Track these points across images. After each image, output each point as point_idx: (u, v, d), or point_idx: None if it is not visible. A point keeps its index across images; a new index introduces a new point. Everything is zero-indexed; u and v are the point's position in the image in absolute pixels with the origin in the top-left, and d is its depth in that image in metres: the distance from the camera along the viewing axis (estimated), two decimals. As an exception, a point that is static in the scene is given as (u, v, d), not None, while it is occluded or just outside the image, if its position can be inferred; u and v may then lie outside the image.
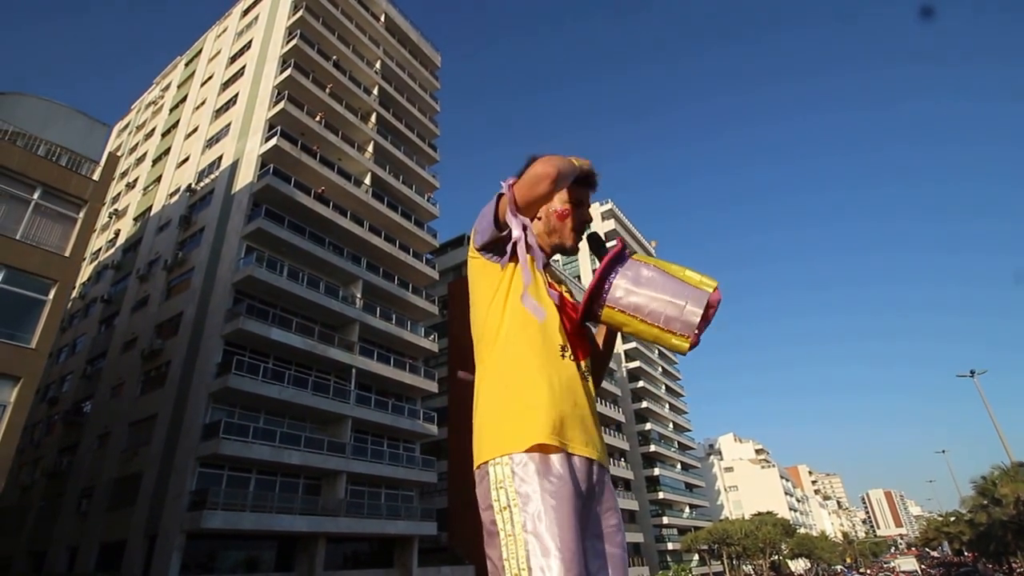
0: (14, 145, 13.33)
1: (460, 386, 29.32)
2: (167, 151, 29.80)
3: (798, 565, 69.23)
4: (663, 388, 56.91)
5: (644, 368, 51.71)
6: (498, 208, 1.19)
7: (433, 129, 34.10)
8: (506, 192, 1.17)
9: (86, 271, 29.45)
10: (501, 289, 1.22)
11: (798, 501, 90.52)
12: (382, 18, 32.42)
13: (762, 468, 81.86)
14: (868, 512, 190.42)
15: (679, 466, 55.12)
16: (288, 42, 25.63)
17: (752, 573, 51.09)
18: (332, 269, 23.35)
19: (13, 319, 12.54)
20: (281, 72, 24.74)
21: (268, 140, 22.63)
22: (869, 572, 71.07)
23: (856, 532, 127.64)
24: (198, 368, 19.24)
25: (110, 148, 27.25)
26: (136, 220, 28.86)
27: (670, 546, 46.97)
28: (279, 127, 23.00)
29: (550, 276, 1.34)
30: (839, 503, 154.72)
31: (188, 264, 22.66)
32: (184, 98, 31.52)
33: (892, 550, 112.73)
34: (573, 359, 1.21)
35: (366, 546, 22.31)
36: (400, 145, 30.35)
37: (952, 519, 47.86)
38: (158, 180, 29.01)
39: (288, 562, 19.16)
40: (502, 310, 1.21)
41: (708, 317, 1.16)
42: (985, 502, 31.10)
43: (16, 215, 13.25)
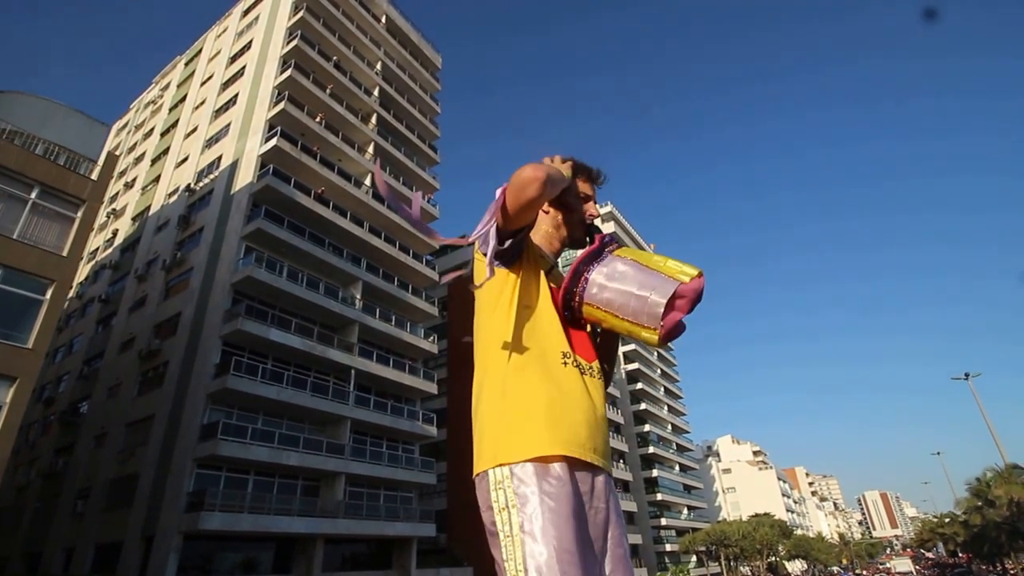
0: (11, 144, 13.24)
1: (460, 387, 29.28)
2: (166, 151, 29.70)
3: (795, 566, 69.35)
4: (661, 390, 56.97)
5: (643, 370, 51.76)
6: (497, 216, 1.15)
7: (433, 130, 34.08)
8: (498, 195, 1.12)
9: (83, 270, 29.30)
10: (505, 293, 1.20)
11: (795, 502, 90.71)
12: (383, 19, 32.40)
13: (760, 470, 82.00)
14: (864, 513, 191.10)
15: (677, 468, 55.17)
16: (289, 42, 25.58)
17: (749, 574, 51.14)
18: (332, 270, 23.29)
19: (10, 319, 12.46)
20: (281, 72, 24.69)
21: (268, 140, 22.58)
22: (865, 573, 71.28)
23: (852, 533, 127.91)
24: (196, 369, 19.16)
25: (108, 147, 27.09)
26: (134, 220, 28.74)
27: (668, 547, 47.02)
28: (279, 127, 22.95)
29: (553, 280, 1.31)
30: (836, 504, 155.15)
31: (187, 264, 22.57)
32: (184, 98, 31.42)
33: (888, 551, 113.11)
34: (575, 365, 1.19)
35: (365, 547, 22.25)
36: (400, 146, 30.33)
37: (947, 520, 48.02)
38: (157, 180, 28.90)
39: (286, 563, 19.09)
40: (506, 315, 1.19)
41: (681, 307, 1.12)
42: (979, 504, 31.22)
43: (13, 214, 13.16)
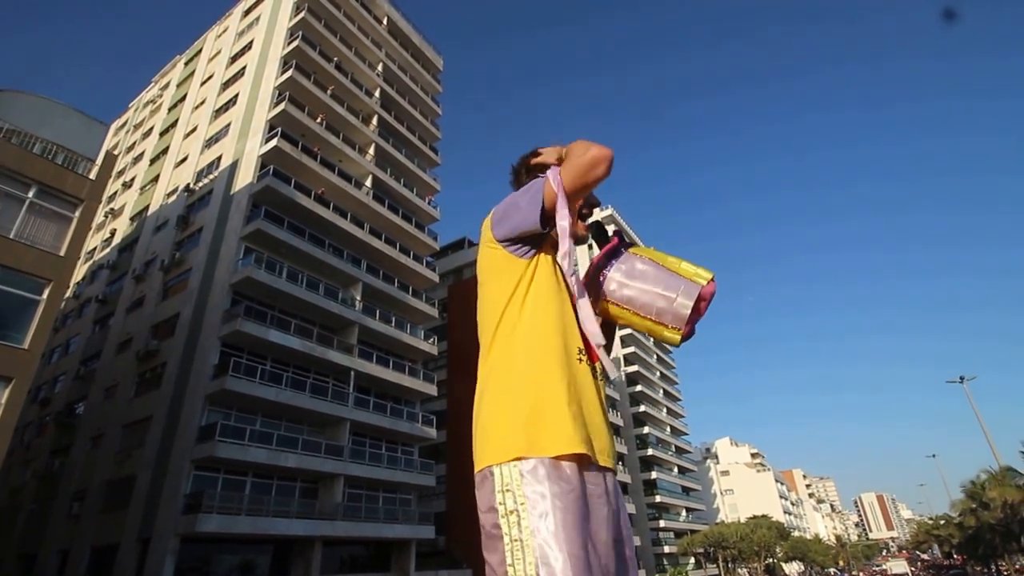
0: (9, 143, 13.14)
1: (460, 389, 29.19)
2: (165, 150, 29.56)
3: (792, 568, 69.41)
4: (660, 392, 56.99)
5: (642, 372, 51.77)
6: (545, 197, 1.12)
7: (434, 132, 34.04)
8: (553, 180, 1.11)
9: (80, 270, 29.09)
10: (522, 284, 1.16)
11: (793, 504, 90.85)
12: (384, 21, 32.35)
13: (757, 472, 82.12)
14: (861, 515, 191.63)
15: (676, 470, 55.18)
16: (289, 43, 25.51)
17: (747, 577, 51.14)
18: (332, 271, 23.20)
19: (6, 319, 12.38)
20: (282, 73, 24.60)
21: (268, 141, 22.49)
22: (861, 575, 71.39)
23: (849, 535, 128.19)
24: (194, 370, 19.04)
25: (107, 146, 26.94)
26: (133, 219, 28.59)
27: (666, 549, 47.05)
28: (280, 128, 22.87)
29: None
30: (832, 506, 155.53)
31: (185, 265, 22.45)
32: (183, 97, 31.30)
33: (884, 553, 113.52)
34: (589, 362, 1.17)
35: (363, 550, 22.14)
36: (401, 148, 30.27)
37: (942, 522, 48.22)
38: (156, 179, 28.76)
39: (284, 566, 18.97)
40: (521, 305, 1.15)
41: (700, 309, 1.17)
42: (974, 506, 31.33)
43: (10, 213, 13.06)
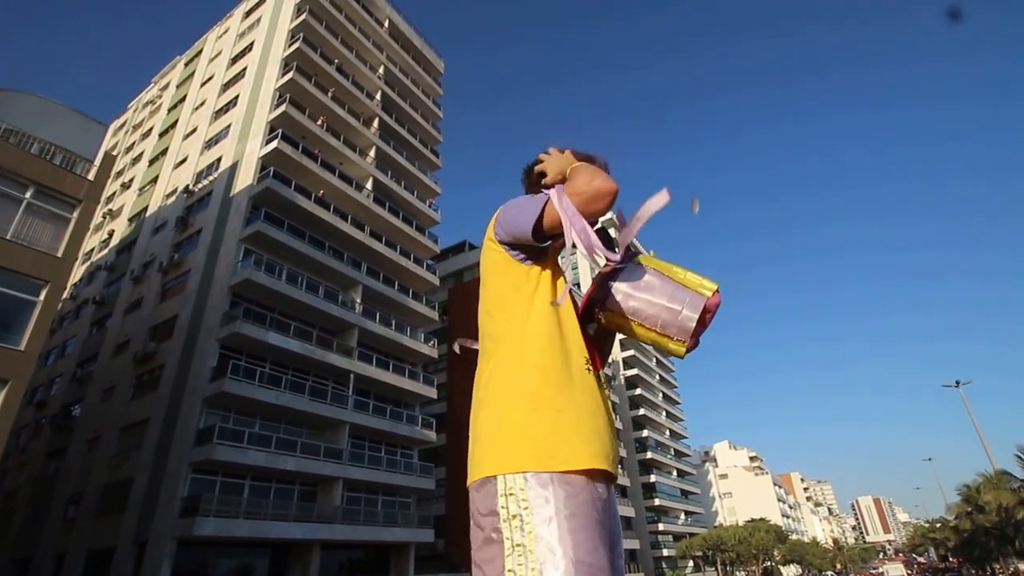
0: (7, 143, 13.05)
1: (460, 392, 29.07)
2: (164, 151, 29.46)
3: (790, 571, 69.36)
4: (660, 395, 57.02)
5: (642, 376, 51.81)
6: (542, 215, 1.12)
7: (435, 135, 34.03)
8: (558, 202, 1.10)
9: (78, 271, 28.92)
10: (527, 290, 1.16)
11: (790, 508, 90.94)
12: (386, 23, 32.36)
13: (756, 475, 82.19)
14: (858, 518, 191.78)
15: (675, 473, 55.19)
16: (290, 45, 25.48)
17: (745, 580, 51.05)
18: (332, 273, 23.12)
19: (2, 320, 12.26)
20: (283, 75, 24.56)
21: (269, 143, 22.43)
22: (859, 578, 71.39)
23: (846, 538, 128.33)
24: (192, 372, 18.92)
25: (106, 147, 26.85)
26: (131, 221, 28.45)
27: (665, 552, 47.01)
28: (280, 130, 22.82)
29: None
30: (830, 510, 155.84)
31: (184, 266, 22.33)
32: (183, 98, 31.21)
33: (880, 556, 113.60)
34: (594, 371, 1.16)
35: (362, 553, 22.01)
36: (402, 150, 30.25)
37: (938, 525, 48.36)
38: (155, 180, 28.64)
39: (282, 570, 18.83)
40: (526, 313, 1.14)
41: (705, 321, 1.16)
42: (969, 509, 31.40)
43: (7, 214, 12.94)
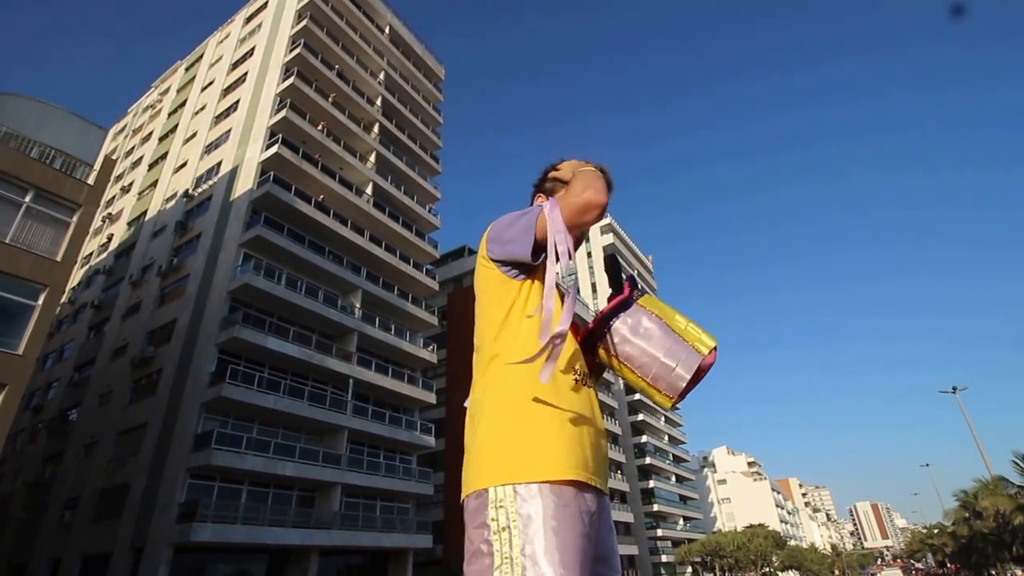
0: (6, 147, 13.07)
1: (458, 397, 29.05)
2: (164, 155, 29.48)
3: (788, 578, 69.08)
4: (657, 400, 56.92)
5: (639, 379, 51.70)
6: (536, 229, 1.13)
7: (435, 140, 34.15)
8: (548, 214, 1.11)
9: (76, 275, 28.87)
10: (517, 306, 1.17)
11: (789, 513, 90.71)
12: (387, 30, 32.54)
13: (754, 481, 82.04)
14: (856, 524, 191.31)
15: (673, 478, 55.08)
16: (291, 50, 25.59)
17: (744, 587, 50.86)
18: (331, 278, 23.12)
19: (0, 324, 12.20)
20: (284, 80, 24.65)
21: (269, 147, 22.48)
22: (858, 585, 71.15)
23: (844, 544, 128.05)
24: (191, 377, 18.87)
25: (105, 151, 26.83)
26: (130, 225, 28.43)
27: (664, 558, 46.84)
28: (280, 135, 22.87)
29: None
30: (828, 515, 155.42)
31: (183, 271, 22.32)
32: (183, 103, 31.27)
33: (879, 562, 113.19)
34: (587, 384, 1.18)
35: (360, 559, 21.90)
36: (402, 156, 30.33)
37: (936, 531, 48.25)
38: (154, 185, 28.64)
39: (280, 577, 18.69)
40: (518, 329, 1.14)
41: (697, 379, 1.16)
42: (967, 515, 31.37)
43: (7, 218, 12.96)
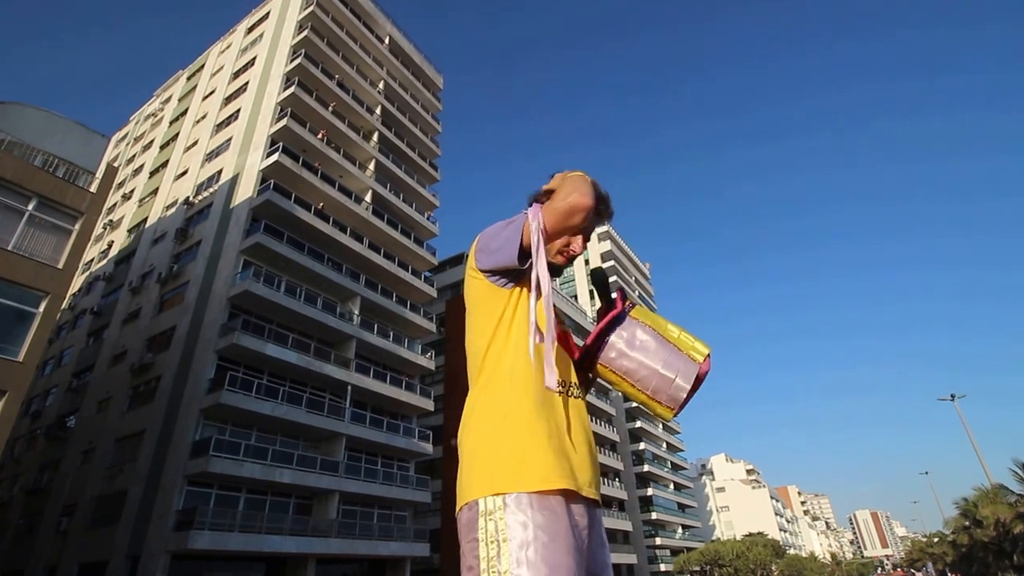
0: (10, 155, 13.20)
1: (456, 405, 29.09)
2: (165, 163, 29.71)
3: (788, 587, 68.61)
4: (656, 407, 56.84)
5: (637, 386, 51.64)
6: (522, 235, 1.11)
7: (434, 149, 34.46)
8: (534, 221, 1.10)
9: (76, 282, 28.96)
10: (506, 315, 1.16)
11: (788, 522, 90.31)
12: (386, 40, 32.96)
13: (753, 488, 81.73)
14: (856, 533, 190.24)
15: (672, 486, 54.87)
16: (292, 60, 25.92)
17: (743, 596, 50.52)
18: (330, 285, 23.26)
19: (1, 331, 12.26)
20: (284, 89, 24.95)
21: (270, 155, 22.71)
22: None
23: (844, 553, 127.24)
24: (190, 383, 18.93)
25: (107, 159, 27.03)
26: (130, 232, 28.58)
27: (663, 567, 46.54)
28: (281, 143, 23.11)
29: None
30: (827, 524, 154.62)
31: (183, 277, 22.44)
32: (185, 111, 31.56)
33: (879, 571, 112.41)
34: (575, 395, 1.17)
35: (357, 568, 21.83)
36: (401, 164, 30.61)
37: (936, 540, 48.05)
38: (155, 192, 28.84)
39: (276, 585, 18.64)
40: (507, 338, 1.14)
41: (695, 388, 1.17)
42: (967, 523, 31.28)
43: (10, 226, 13.05)
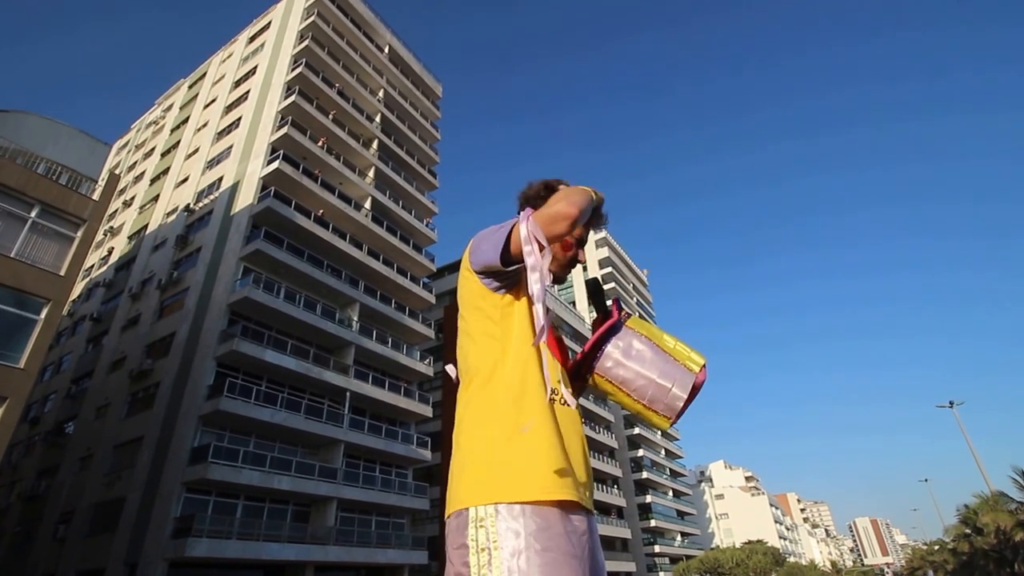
0: (13, 163, 13.32)
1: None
2: (166, 171, 29.90)
3: (789, 596, 68.07)
4: (654, 413, 56.75)
5: (635, 393, 51.59)
6: (510, 238, 1.08)
7: (433, 156, 34.74)
8: (524, 224, 1.06)
9: (76, 288, 29.01)
10: (502, 320, 1.15)
11: (788, 529, 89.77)
12: (386, 49, 33.35)
13: (752, 495, 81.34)
14: (856, 541, 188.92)
15: (671, 493, 54.64)
16: (293, 69, 26.22)
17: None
18: (329, 291, 23.36)
19: (2, 337, 12.30)
20: (285, 98, 25.21)
21: (270, 163, 22.90)
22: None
23: (844, 561, 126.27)
24: (188, 390, 18.95)
25: (109, 166, 27.25)
26: (131, 238, 28.69)
27: (662, 575, 46.20)
28: (281, 151, 23.31)
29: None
30: (827, 531, 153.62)
31: (183, 284, 22.53)
32: (186, 119, 31.82)
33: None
34: (564, 403, 1.14)
35: (355, 575, 21.68)
36: (400, 171, 30.84)
37: (936, 548, 47.80)
38: (156, 199, 29.00)
39: (274, 593, 18.53)
40: (501, 344, 1.13)
41: (692, 398, 1.17)
42: (968, 531, 31.17)
43: (12, 233, 13.13)
